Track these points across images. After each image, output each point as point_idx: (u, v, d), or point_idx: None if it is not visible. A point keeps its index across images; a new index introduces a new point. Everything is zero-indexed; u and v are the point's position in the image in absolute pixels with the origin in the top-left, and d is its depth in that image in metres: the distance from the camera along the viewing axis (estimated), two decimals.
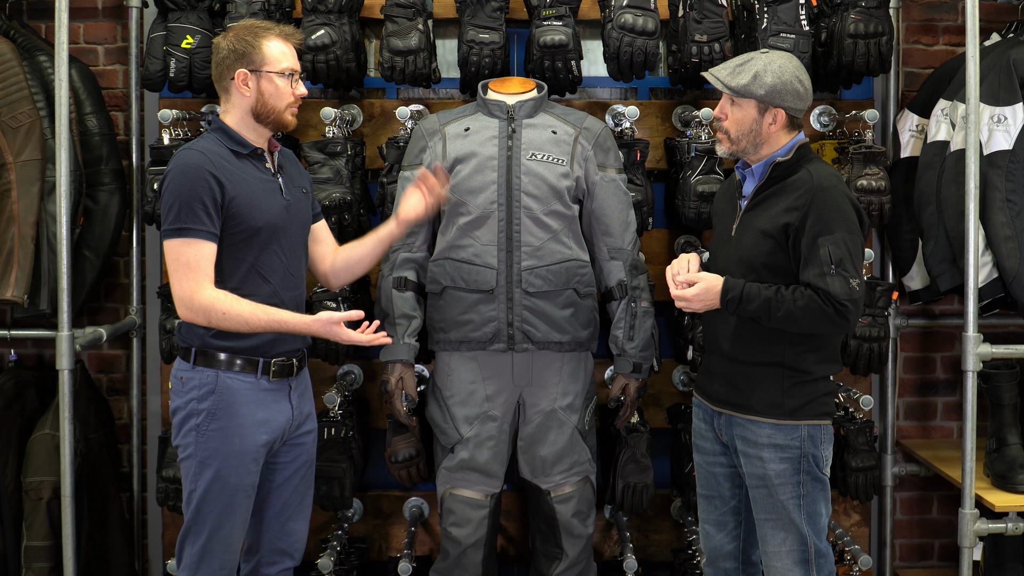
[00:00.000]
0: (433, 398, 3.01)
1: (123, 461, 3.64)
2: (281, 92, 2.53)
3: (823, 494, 2.57)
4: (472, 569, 2.98)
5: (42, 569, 3.21)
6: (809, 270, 2.44)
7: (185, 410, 2.51)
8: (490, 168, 2.91)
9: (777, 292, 2.45)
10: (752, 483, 2.58)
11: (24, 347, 3.60)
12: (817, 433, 2.55)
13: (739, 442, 2.59)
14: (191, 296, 2.43)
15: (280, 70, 2.52)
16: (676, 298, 2.54)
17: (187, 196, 2.41)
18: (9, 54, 3.20)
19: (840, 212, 2.46)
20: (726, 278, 2.51)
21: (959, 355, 3.00)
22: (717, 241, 2.70)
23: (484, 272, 2.89)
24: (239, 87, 2.51)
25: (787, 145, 2.56)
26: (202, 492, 2.50)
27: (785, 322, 2.45)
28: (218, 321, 2.43)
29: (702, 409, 2.71)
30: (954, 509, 3.45)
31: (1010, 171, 3.08)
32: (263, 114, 2.53)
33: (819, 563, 2.57)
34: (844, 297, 2.41)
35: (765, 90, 2.50)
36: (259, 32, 2.53)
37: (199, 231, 2.42)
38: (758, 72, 2.50)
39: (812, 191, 2.47)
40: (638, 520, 3.53)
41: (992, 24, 3.46)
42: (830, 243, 2.42)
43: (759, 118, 2.53)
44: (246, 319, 2.44)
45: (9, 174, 3.18)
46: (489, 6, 3.13)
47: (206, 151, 2.47)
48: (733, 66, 2.55)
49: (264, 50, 2.51)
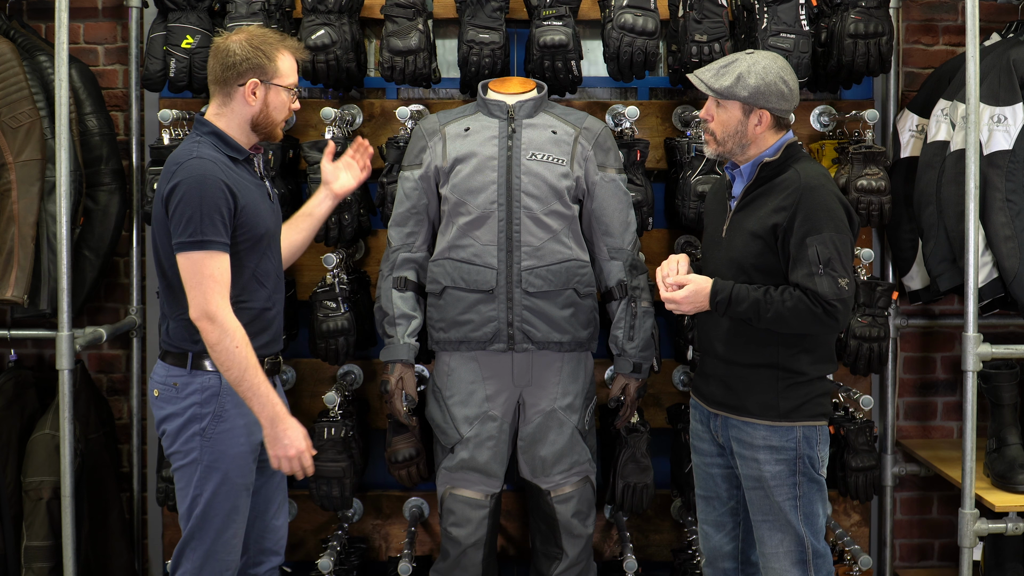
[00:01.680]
0: (433, 398, 3.01)
1: (123, 461, 3.64)
2: (284, 106, 2.55)
3: (819, 495, 2.57)
4: (472, 569, 2.98)
5: (42, 569, 3.21)
6: (798, 270, 2.44)
7: (184, 416, 2.47)
8: (490, 168, 2.91)
9: (766, 293, 2.45)
10: (748, 484, 2.58)
11: (24, 347, 3.60)
12: (812, 434, 2.54)
13: (735, 444, 2.59)
14: (219, 312, 2.37)
15: (288, 84, 2.54)
16: (665, 300, 2.55)
17: (208, 207, 2.37)
18: (9, 54, 3.20)
19: (828, 211, 2.45)
20: (715, 280, 2.51)
21: (959, 355, 3.00)
22: (708, 242, 2.70)
23: (484, 272, 2.89)
24: (247, 96, 2.50)
25: (775, 145, 2.56)
26: (209, 496, 2.47)
27: (775, 323, 2.45)
28: (226, 347, 2.37)
29: (698, 410, 2.72)
30: (954, 509, 3.45)
31: (1010, 171, 3.08)
32: (262, 124, 2.53)
33: (817, 563, 2.57)
34: (833, 297, 2.40)
35: (748, 92, 2.50)
36: (274, 44, 2.53)
37: (219, 243, 2.38)
38: (741, 74, 2.50)
39: (800, 191, 2.47)
40: (638, 520, 3.53)
41: (992, 24, 3.46)
42: (818, 243, 2.42)
43: (744, 119, 2.53)
44: (246, 367, 2.38)
45: (9, 174, 3.18)
46: (489, 6, 3.13)
47: (213, 159, 2.44)
48: (717, 68, 2.55)
49: (278, 63, 2.52)
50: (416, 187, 2.99)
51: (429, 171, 2.97)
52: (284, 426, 2.42)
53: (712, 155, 2.62)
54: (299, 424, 2.46)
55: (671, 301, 2.54)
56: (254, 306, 2.51)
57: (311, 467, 2.47)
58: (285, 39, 2.58)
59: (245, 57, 2.49)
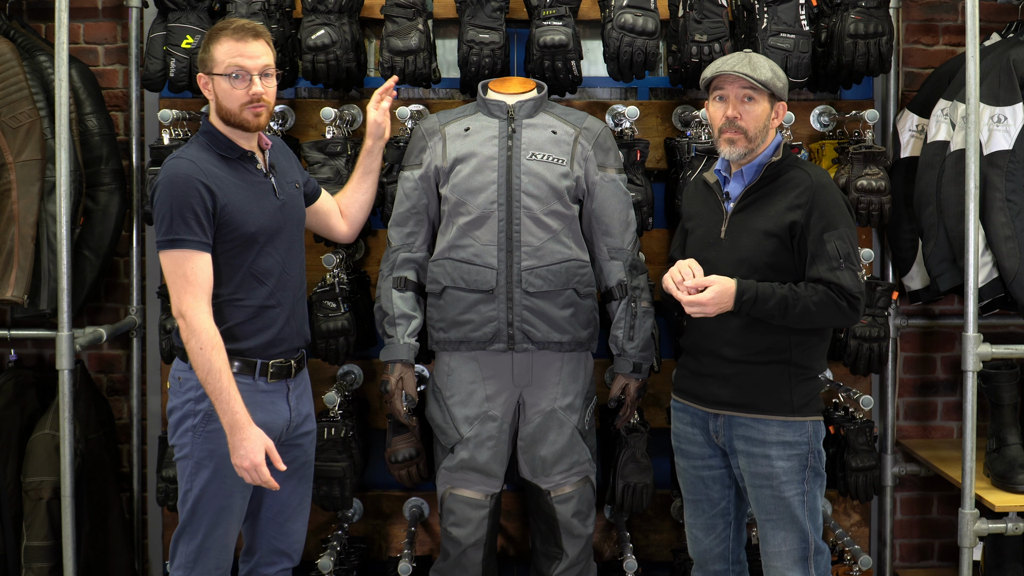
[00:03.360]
0: (433, 398, 3.01)
1: (123, 461, 3.64)
2: (228, 93, 2.49)
3: (821, 490, 2.60)
4: (472, 569, 2.98)
5: (42, 569, 3.21)
6: (818, 266, 2.47)
7: (182, 410, 2.51)
8: (490, 168, 2.91)
9: (791, 290, 2.47)
10: (755, 483, 2.57)
11: (24, 347, 3.60)
12: (819, 428, 2.59)
13: (741, 443, 2.58)
14: (188, 312, 2.41)
15: (224, 71, 2.49)
16: (689, 304, 2.49)
17: (178, 206, 2.40)
18: (9, 54, 3.20)
19: (840, 208, 2.52)
20: (738, 280, 2.50)
21: (959, 355, 3.00)
22: (700, 244, 2.66)
23: (484, 272, 2.89)
24: (205, 92, 2.54)
25: (773, 144, 2.61)
26: (198, 492, 2.50)
27: (800, 318, 2.47)
28: (192, 348, 2.40)
29: (689, 413, 2.70)
30: (954, 509, 3.45)
31: (1010, 171, 3.08)
32: (224, 117, 2.52)
33: (817, 560, 2.59)
34: (856, 290, 2.46)
35: (782, 83, 2.56)
36: (213, 34, 2.52)
37: (192, 242, 2.41)
38: (770, 67, 2.55)
39: (813, 188, 2.51)
40: (638, 520, 3.53)
41: (992, 24, 3.46)
42: (836, 238, 2.47)
43: (770, 112, 2.56)
44: (209, 370, 2.39)
45: (9, 174, 3.18)
46: (489, 6, 3.13)
47: (195, 159, 2.46)
48: (744, 61, 2.54)
49: (213, 52, 2.50)
50: (416, 187, 2.99)
51: (429, 171, 2.97)
52: (242, 436, 2.41)
53: (738, 156, 2.56)
54: (262, 436, 2.43)
55: (696, 304, 2.49)
56: (251, 304, 2.51)
57: (270, 482, 2.43)
58: (228, 25, 2.52)
59: (198, 55, 2.53)
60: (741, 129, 2.55)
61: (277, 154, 2.66)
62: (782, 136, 2.62)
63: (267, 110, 2.53)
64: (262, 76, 2.52)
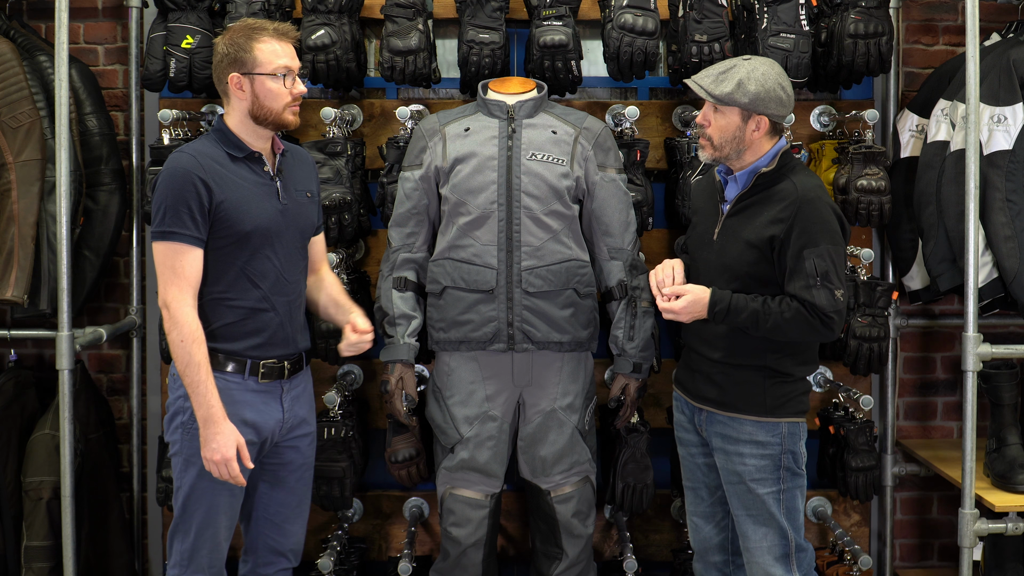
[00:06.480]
0: (433, 398, 3.01)
1: (123, 461, 3.64)
2: (275, 93, 2.50)
3: (801, 491, 2.62)
4: (472, 569, 2.98)
5: (42, 569, 3.21)
6: (795, 282, 2.47)
7: (174, 407, 2.52)
8: (490, 168, 2.91)
9: (764, 304, 2.49)
10: (730, 479, 2.62)
11: (24, 347, 3.60)
12: (796, 430, 2.60)
13: (717, 439, 2.63)
14: (172, 303, 2.42)
15: (272, 71, 2.49)
16: (663, 310, 2.58)
17: (173, 200, 2.41)
18: (9, 54, 3.20)
19: (824, 224, 2.49)
20: (712, 290, 2.55)
21: (959, 355, 3.00)
22: (697, 241, 2.71)
23: (484, 272, 2.89)
24: (234, 91, 2.50)
25: (770, 152, 2.58)
26: (188, 490, 2.51)
27: (773, 332, 2.50)
28: (173, 339, 2.41)
29: (682, 403, 2.76)
30: (954, 509, 3.45)
31: (1010, 171, 3.08)
32: (261, 116, 2.51)
33: (799, 557, 2.62)
34: (830, 309, 2.45)
35: (749, 98, 2.51)
36: (252, 34, 2.50)
37: (184, 235, 2.41)
38: (742, 80, 2.51)
39: (797, 203, 2.49)
40: (638, 520, 3.53)
41: (992, 24, 3.46)
42: (815, 256, 2.46)
43: (743, 125, 2.55)
44: (188, 362, 2.40)
45: (9, 174, 3.18)
46: (489, 6, 3.13)
47: (197, 153, 2.46)
48: (716, 73, 2.56)
49: (256, 52, 2.49)
50: (416, 187, 2.99)
51: (429, 171, 2.97)
52: (215, 430, 2.41)
53: (708, 159, 2.63)
54: (235, 432, 2.43)
55: (669, 311, 2.57)
56: (242, 305, 2.50)
57: (238, 478, 2.43)
58: (267, 26, 2.52)
59: (225, 53, 2.50)
60: (708, 137, 2.59)
61: (291, 160, 2.64)
62: (783, 144, 2.60)
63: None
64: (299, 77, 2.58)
